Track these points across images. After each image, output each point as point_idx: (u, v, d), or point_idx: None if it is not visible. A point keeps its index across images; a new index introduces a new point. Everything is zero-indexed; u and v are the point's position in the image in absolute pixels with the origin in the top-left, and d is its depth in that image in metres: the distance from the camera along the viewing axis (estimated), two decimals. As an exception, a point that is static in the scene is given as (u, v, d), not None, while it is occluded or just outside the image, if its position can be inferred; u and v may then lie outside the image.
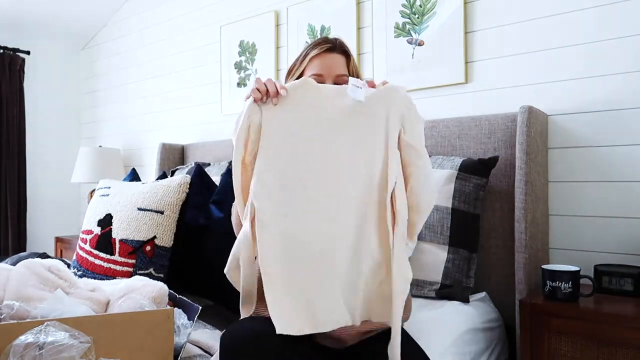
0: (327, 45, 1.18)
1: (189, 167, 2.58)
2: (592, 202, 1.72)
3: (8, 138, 3.46)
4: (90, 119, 3.91)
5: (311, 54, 1.19)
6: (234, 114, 2.84)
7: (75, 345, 0.82)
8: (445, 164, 1.77)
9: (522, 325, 1.46)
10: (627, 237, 1.65)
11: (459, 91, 2.02)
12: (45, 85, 3.77)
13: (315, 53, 1.18)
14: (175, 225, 1.60)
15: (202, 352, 1.15)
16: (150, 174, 3.31)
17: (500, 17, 1.92)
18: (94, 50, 3.87)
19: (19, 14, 3.39)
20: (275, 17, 2.66)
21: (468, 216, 1.71)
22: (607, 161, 1.69)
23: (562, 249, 1.77)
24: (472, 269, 1.70)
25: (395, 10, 2.20)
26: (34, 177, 3.68)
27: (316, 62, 1.17)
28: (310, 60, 1.18)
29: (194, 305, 1.14)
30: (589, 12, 1.74)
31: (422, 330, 1.31)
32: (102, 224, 1.61)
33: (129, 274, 1.51)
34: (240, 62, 2.83)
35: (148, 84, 3.41)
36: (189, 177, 1.68)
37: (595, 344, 1.34)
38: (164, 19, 3.29)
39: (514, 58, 1.89)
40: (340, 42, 1.21)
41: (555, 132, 1.79)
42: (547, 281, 1.46)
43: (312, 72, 1.17)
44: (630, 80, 1.66)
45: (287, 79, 1.26)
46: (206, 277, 1.63)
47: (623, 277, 1.50)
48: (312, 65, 1.18)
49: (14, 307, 0.91)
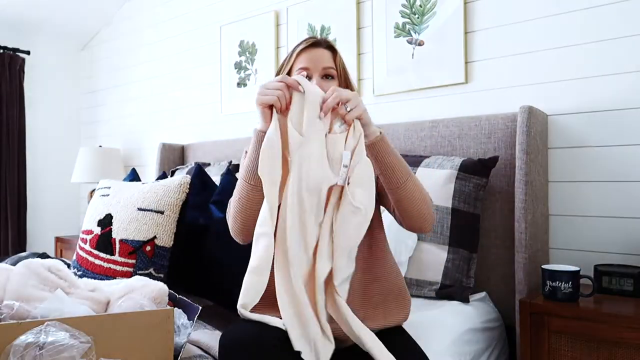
0: (312, 40, 1.21)
1: (189, 167, 2.58)
2: (592, 202, 1.72)
3: (8, 138, 3.46)
4: (90, 119, 3.91)
5: (298, 50, 1.21)
6: (234, 114, 2.84)
7: (76, 346, 0.82)
8: (445, 164, 1.77)
9: (522, 325, 1.46)
10: (627, 237, 1.65)
11: (459, 91, 2.02)
12: (45, 85, 3.77)
13: (302, 47, 1.20)
14: (175, 225, 1.60)
15: (202, 353, 1.15)
16: (150, 174, 3.31)
17: (500, 17, 1.92)
18: (94, 50, 3.87)
19: (19, 14, 3.39)
20: (275, 17, 2.66)
21: (468, 216, 1.71)
22: (607, 161, 1.69)
23: (562, 249, 1.77)
24: (472, 269, 1.70)
25: (395, 10, 2.20)
26: (34, 177, 3.68)
27: (303, 56, 1.19)
28: (297, 55, 1.21)
29: (194, 305, 1.14)
30: (589, 12, 1.74)
31: (422, 330, 1.31)
32: (102, 224, 1.61)
33: (129, 274, 1.51)
34: (240, 62, 2.83)
35: (148, 84, 3.41)
36: (189, 177, 1.68)
37: (595, 344, 1.34)
38: (164, 19, 3.29)
39: (514, 58, 1.89)
40: (325, 39, 1.25)
41: (555, 132, 1.79)
42: (547, 281, 1.46)
43: (300, 66, 1.19)
44: (631, 80, 1.66)
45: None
46: (206, 277, 1.63)
47: (623, 277, 1.50)
48: (299, 59, 1.20)
49: (14, 307, 0.91)
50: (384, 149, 1.07)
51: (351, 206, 0.99)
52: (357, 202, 0.99)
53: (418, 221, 1.12)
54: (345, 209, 1.00)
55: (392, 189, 1.08)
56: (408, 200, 1.09)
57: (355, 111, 1.03)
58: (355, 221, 1.00)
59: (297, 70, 1.19)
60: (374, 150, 1.07)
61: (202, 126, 3.06)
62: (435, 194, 1.73)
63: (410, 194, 1.09)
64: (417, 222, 1.12)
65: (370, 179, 1.03)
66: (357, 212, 0.99)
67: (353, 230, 1.00)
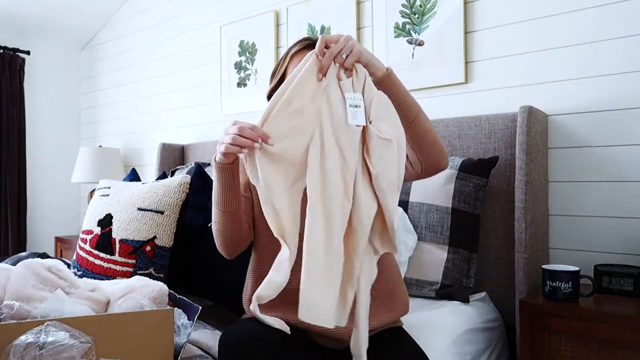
0: (306, 42, 1.19)
1: (189, 167, 2.58)
2: (592, 202, 1.72)
3: (8, 138, 3.46)
4: (90, 119, 3.91)
5: (292, 52, 1.20)
6: (234, 114, 2.84)
7: (76, 345, 0.82)
8: (445, 164, 1.77)
9: (522, 325, 1.46)
10: (627, 237, 1.65)
11: (459, 91, 2.02)
12: (45, 85, 3.77)
13: (296, 49, 1.19)
14: (175, 225, 1.60)
15: (202, 353, 1.15)
16: (150, 174, 3.31)
17: (500, 17, 1.92)
18: (94, 50, 3.87)
19: (19, 14, 3.39)
20: (275, 17, 2.66)
21: (468, 216, 1.71)
22: (607, 161, 1.69)
23: (562, 249, 1.77)
24: (472, 269, 1.70)
25: (395, 10, 2.20)
26: (34, 177, 3.68)
27: (297, 59, 1.17)
28: (291, 58, 1.19)
29: (194, 305, 1.14)
30: (589, 12, 1.74)
31: (422, 330, 1.31)
32: (102, 224, 1.61)
33: (129, 274, 1.51)
34: (240, 62, 2.83)
35: (148, 84, 3.41)
36: (189, 177, 1.68)
37: (595, 344, 1.34)
38: (164, 19, 3.29)
39: (514, 58, 1.89)
40: None
41: (555, 132, 1.79)
42: (547, 281, 1.46)
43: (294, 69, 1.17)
44: (630, 80, 1.66)
45: (271, 80, 1.26)
46: (206, 277, 1.63)
47: (623, 277, 1.50)
48: (294, 62, 1.18)
49: (14, 307, 0.91)
50: (393, 84, 1.05)
51: (381, 140, 0.97)
52: (385, 134, 0.97)
53: (436, 155, 1.11)
54: (376, 146, 0.97)
55: (407, 125, 1.06)
56: (424, 133, 1.08)
57: (351, 57, 1.00)
58: (390, 154, 0.97)
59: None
60: (383, 86, 1.04)
61: (202, 126, 3.05)
62: (436, 194, 1.73)
63: (425, 126, 1.08)
64: (436, 157, 1.11)
65: (390, 109, 1.01)
66: (388, 144, 0.97)
67: (391, 163, 0.98)
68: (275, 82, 1.23)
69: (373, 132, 0.97)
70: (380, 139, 0.97)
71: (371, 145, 0.97)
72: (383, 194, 0.97)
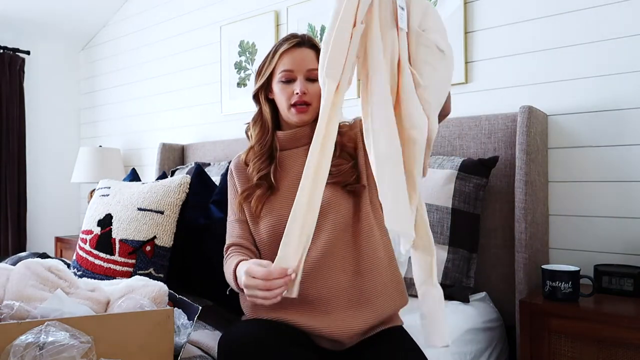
0: (295, 40, 1.17)
1: (189, 167, 2.58)
2: (592, 202, 1.72)
3: (8, 138, 3.46)
4: (90, 119, 3.91)
5: (280, 50, 1.17)
6: (234, 114, 2.84)
7: (76, 345, 0.82)
8: (445, 164, 1.77)
9: (522, 325, 1.46)
10: (627, 237, 1.65)
11: (459, 91, 2.02)
12: (45, 85, 3.77)
13: (285, 48, 1.16)
14: (175, 225, 1.60)
15: (202, 353, 1.15)
16: (150, 174, 3.31)
17: (501, 17, 1.92)
18: (94, 50, 3.87)
19: (19, 14, 3.39)
20: (275, 17, 2.66)
21: (468, 216, 1.71)
22: (607, 161, 1.69)
23: (562, 249, 1.77)
24: (472, 269, 1.70)
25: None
26: (34, 177, 3.68)
27: (286, 57, 1.16)
28: (280, 56, 1.16)
29: (194, 305, 1.14)
30: (589, 12, 1.73)
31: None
32: (102, 224, 1.61)
33: (129, 274, 1.51)
34: (240, 62, 2.83)
35: (148, 84, 3.41)
36: (189, 177, 1.68)
37: (595, 344, 1.34)
38: (164, 19, 3.29)
39: (514, 58, 1.89)
40: (309, 37, 1.20)
41: (555, 132, 1.79)
42: (547, 281, 1.46)
43: (283, 68, 1.16)
44: (631, 80, 1.66)
45: (257, 79, 1.23)
46: (206, 277, 1.63)
47: (623, 277, 1.50)
48: (283, 61, 1.16)
49: (14, 307, 0.91)
50: None
51: (438, 52, 0.94)
52: (442, 46, 0.95)
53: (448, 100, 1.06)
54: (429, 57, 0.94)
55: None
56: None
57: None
58: (445, 68, 0.96)
59: (281, 72, 1.16)
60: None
61: (202, 126, 3.05)
62: (436, 194, 1.73)
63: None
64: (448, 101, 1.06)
65: (441, 22, 0.99)
66: (443, 57, 0.95)
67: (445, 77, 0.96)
68: (262, 81, 1.20)
69: (430, 41, 0.93)
70: (439, 51, 0.94)
71: (424, 55, 0.93)
72: (429, 106, 0.93)
